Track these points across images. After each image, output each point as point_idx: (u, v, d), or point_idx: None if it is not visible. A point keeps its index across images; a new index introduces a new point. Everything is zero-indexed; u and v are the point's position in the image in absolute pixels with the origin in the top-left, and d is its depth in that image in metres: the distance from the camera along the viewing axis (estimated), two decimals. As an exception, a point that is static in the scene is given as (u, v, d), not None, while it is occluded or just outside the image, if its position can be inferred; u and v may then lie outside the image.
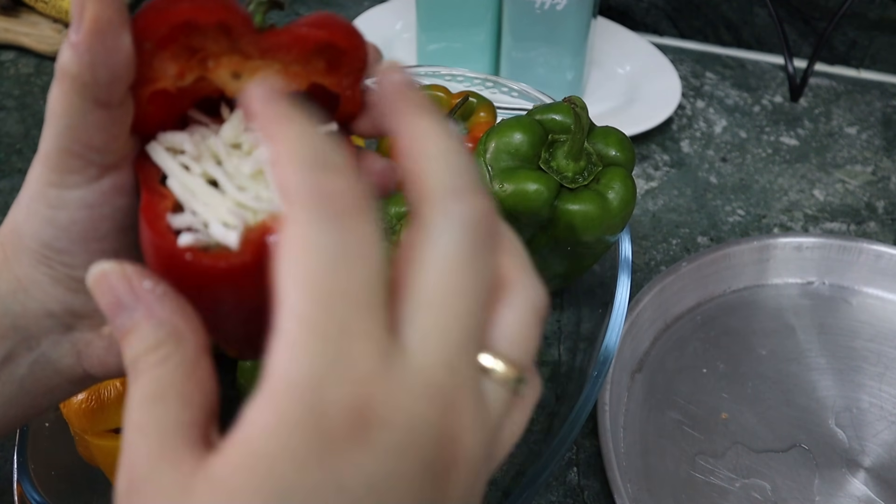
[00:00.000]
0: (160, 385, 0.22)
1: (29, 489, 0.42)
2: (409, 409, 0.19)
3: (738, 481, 0.50)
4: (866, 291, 0.61)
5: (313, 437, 0.19)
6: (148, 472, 0.21)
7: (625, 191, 0.46)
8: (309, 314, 0.19)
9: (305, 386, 0.19)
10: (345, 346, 0.19)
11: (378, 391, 0.19)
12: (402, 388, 0.20)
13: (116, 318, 0.24)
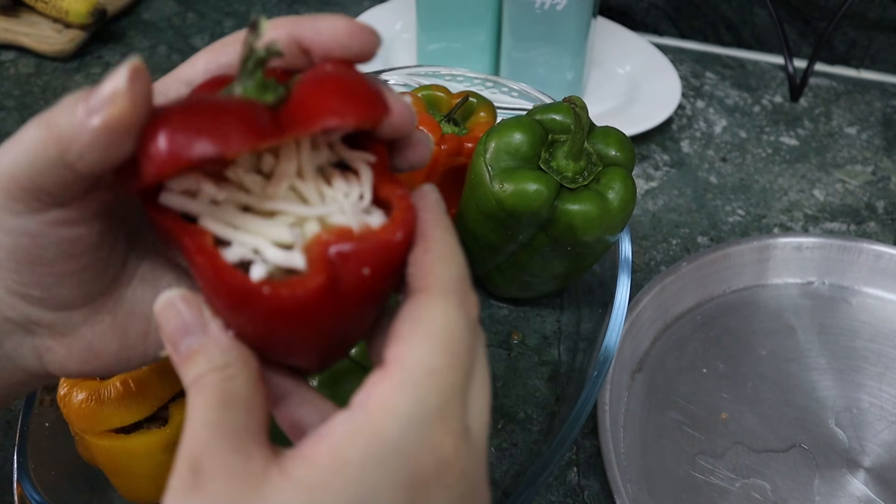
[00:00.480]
0: (228, 396, 0.24)
1: (29, 489, 0.42)
2: (472, 472, 0.25)
3: (738, 481, 0.50)
4: (866, 291, 0.61)
5: (405, 467, 0.23)
6: (218, 464, 0.23)
7: (625, 191, 0.46)
8: (436, 367, 0.24)
9: (413, 421, 0.23)
10: (451, 406, 0.24)
11: (460, 452, 0.24)
12: (469, 456, 0.24)
13: (181, 341, 0.25)
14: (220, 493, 0.22)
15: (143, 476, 0.44)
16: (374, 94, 0.27)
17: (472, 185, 0.49)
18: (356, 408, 0.23)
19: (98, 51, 0.84)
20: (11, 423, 0.52)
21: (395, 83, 0.61)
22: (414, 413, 0.23)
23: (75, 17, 0.82)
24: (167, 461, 0.44)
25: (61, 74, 0.81)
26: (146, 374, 0.43)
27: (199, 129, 0.23)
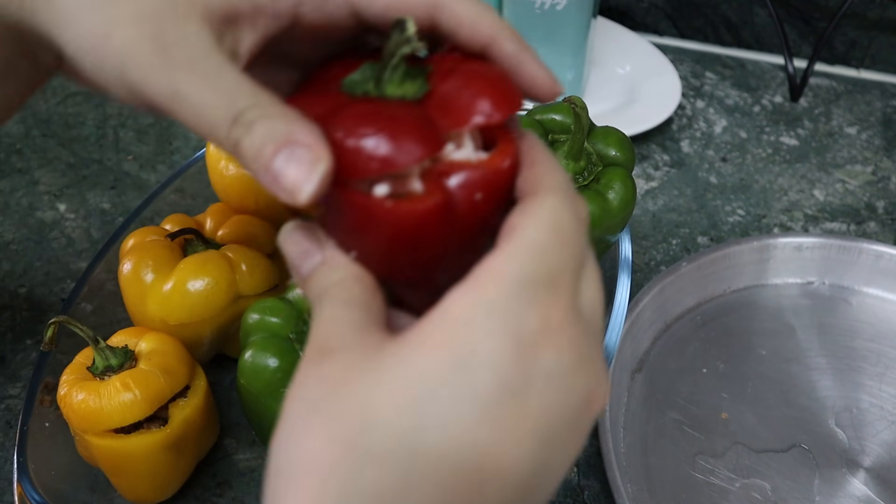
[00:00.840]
0: (348, 299, 0.26)
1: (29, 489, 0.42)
2: (585, 347, 0.25)
3: (738, 481, 0.50)
4: (866, 291, 0.61)
5: (511, 324, 0.24)
6: (341, 341, 0.25)
7: (625, 191, 0.46)
8: (545, 244, 0.25)
9: (520, 284, 0.24)
10: (560, 280, 0.25)
11: (569, 322, 0.25)
12: (582, 332, 0.25)
13: (302, 265, 0.28)
14: (344, 361, 0.24)
15: (143, 476, 0.44)
16: (511, 84, 0.29)
17: (472, 185, 0.49)
18: (466, 279, 0.25)
19: (98, 51, 0.84)
20: (11, 423, 0.52)
21: (395, 83, 0.61)
22: (520, 278, 0.24)
23: (75, 17, 0.82)
24: (167, 461, 0.44)
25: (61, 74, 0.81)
26: (146, 374, 0.43)
27: (390, 145, 0.25)
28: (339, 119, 0.26)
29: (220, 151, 0.52)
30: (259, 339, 0.44)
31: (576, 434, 0.26)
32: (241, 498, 0.48)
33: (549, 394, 0.24)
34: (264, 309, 0.45)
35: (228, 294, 0.48)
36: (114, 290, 0.52)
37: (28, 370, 0.55)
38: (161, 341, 0.46)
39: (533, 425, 0.24)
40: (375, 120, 0.26)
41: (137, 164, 0.72)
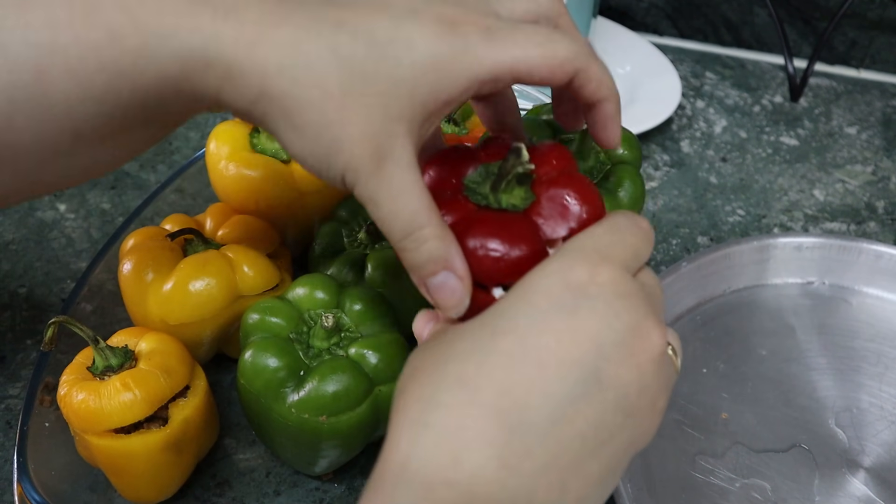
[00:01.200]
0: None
1: (29, 489, 0.42)
2: (627, 291, 0.32)
3: (738, 481, 0.50)
4: (866, 291, 0.61)
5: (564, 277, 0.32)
6: None
7: (635, 188, 0.46)
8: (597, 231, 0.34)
9: (575, 251, 0.33)
10: (608, 249, 0.33)
11: (615, 277, 0.32)
12: (627, 284, 0.32)
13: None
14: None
15: (143, 476, 0.44)
16: (597, 198, 0.36)
17: (472, 185, 0.49)
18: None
19: (98, 51, 0.84)
20: (11, 423, 0.52)
21: (395, 83, 0.61)
22: (573, 248, 0.33)
23: (75, 16, 0.82)
24: (167, 461, 0.44)
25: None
26: (146, 374, 0.43)
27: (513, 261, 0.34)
28: (473, 231, 0.35)
29: (220, 151, 0.52)
30: (259, 339, 0.44)
31: (632, 351, 0.31)
32: (241, 498, 0.48)
33: (595, 311, 0.31)
34: (264, 309, 0.45)
35: (228, 294, 0.48)
36: (114, 290, 0.52)
37: (28, 370, 0.55)
38: (161, 341, 0.46)
39: (583, 334, 0.30)
40: (500, 236, 0.34)
41: (137, 163, 0.72)
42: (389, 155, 0.33)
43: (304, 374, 0.43)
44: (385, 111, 0.32)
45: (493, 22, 0.34)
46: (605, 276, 0.31)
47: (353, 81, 0.32)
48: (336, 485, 0.49)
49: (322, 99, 0.31)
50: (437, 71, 0.33)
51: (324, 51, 0.31)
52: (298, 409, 0.42)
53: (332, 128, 0.32)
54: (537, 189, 0.36)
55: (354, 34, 0.32)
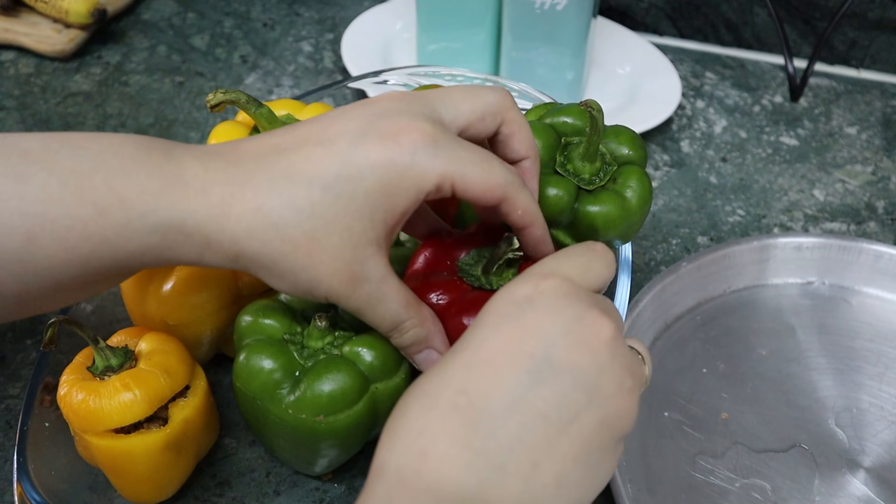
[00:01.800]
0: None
1: (29, 489, 0.42)
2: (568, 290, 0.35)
3: (738, 481, 0.50)
4: (866, 291, 0.61)
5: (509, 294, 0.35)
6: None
7: (642, 188, 0.46)
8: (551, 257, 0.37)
9: (524, 275, 0.36)
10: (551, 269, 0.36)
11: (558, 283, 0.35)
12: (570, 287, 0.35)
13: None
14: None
15: (143, 476, 0.44)
16: None
17: (472, 185, 0.49)
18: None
19: (98, 51, 0.84)
20: (11, 423, 0.52)
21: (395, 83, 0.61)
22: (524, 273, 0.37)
23: (75, 17, 0.82)
24: (167, 461, 0.44)
25: (61, 74, 0.81)
26: (146, 374, 0.43)
27: None
28: (468, 311, 0.41)
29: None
30: (253, 341, 0.44)
31: (581, 336, 0.33)
32: (241, 498, 0.48)
33: (538, 311, 0.33)
34: (257, 311, 0.45)
35: (228, 294, 0.48)
36: (114, 290, 0.52)
37: (28, 370, 0.55)
38: (161, 341, 0.46)
39: (529, 330, 0.33)
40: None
41: (137, 164, 0.72)
42: (363, 277, 0.37)
43: (299, 375, 0.43)
44: (350, 242, 0.36)
45: (436, 130, 0.37)
46: (547, 285, 0.34)
47: (315, 229, 0.35)
48: (336, 485, 0.49)
49: (291, 251, 0.36)
50: (388, 193, 0.36)
51: (285, 209, 0.35)
52: (295, 410, 0.42)
53: (307, 271, 0.36)
54: (523, 270, 0.41)
55: (308, 184, 0.35)
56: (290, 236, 0.35)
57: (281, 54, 0.85)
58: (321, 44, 0.86)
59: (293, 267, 0.36)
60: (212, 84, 0.81)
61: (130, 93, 0.79)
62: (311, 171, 0.36)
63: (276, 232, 0.35)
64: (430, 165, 0.36)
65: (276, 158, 0.36)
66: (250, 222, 0.35)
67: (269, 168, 0.36)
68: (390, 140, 0.36)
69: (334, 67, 0.84)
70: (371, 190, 0.36)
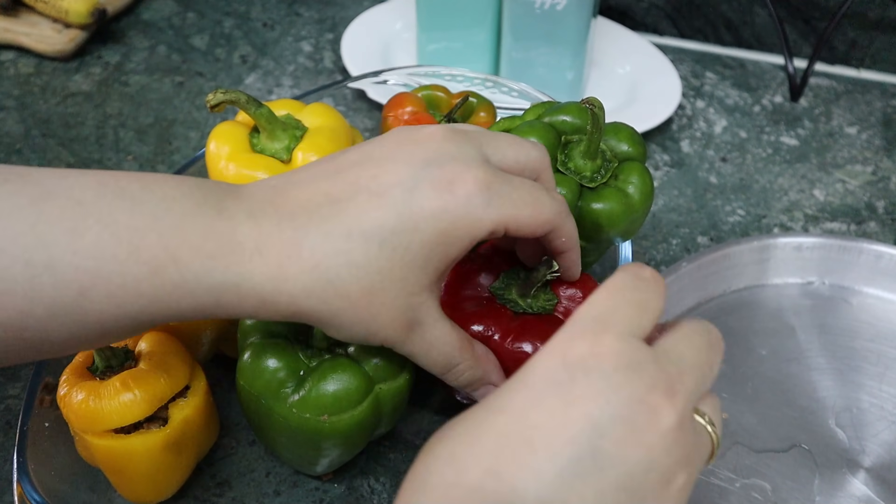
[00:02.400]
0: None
1: (29, 489, 0.42)
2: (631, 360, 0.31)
3: (738, 481, 0.50)
4: (866, 291, 0.61)
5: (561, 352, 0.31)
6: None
7: (643, 184, 0.47)
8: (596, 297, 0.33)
9: (573, 324, 0.32)
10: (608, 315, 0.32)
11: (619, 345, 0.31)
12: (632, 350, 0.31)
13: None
14: None
15: (143, 476, 0.44)
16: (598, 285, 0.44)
17: (472, 185, 0.49)
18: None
19: (98, 51, 0.84)
20: (11, 423, 0.52)
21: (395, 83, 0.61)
22: (572, 322, 0.32)
23: (75, 17, 0.82)
24: (167, 461, 0.44)
25: (61, 74, 0.81)
26: (146, 374, 0.43)
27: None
28: (521, 338, 0.43)
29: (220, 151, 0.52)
30: (258, 340, 0.44)
31: (634, 426, 0.29)
32: (241, 498, 0.48)
33: (591, 386, 0.29)
34: None
35: (228, 294, 0.48)
36: (114, 290, 0.52)
37: (28, 370, 0.55)
38: (161, 341, 0.46)
39: (577, 410, 0.29)
40: (541, 340, 0.42)
41: (137, 164, 0.72)
42: (417, 323, 0.38)
43: (304, 374, 0.43)
44: (405, 292, 0.37)
45: (489, 175, 0.37)
46: (605, 346, 0.30)
47: (372, 283, 0.36)
48: (336, 485, 0.49)
49: (349, 307, 0.36)
50: (443, 242, 0.36)
51: (342, 267, 0.35)
52: (299, 409, 0.42)
53: (364, 324, 0.37)
54: (557, 292, 0.45)
55: (365, 240, 0.35)
56: (347, 292, 0.35)
57: (281, 54, 0.85)
58: (321, 44, 0.86)
59: (351, 321, 0.36)
60: (212, 84, 0.81)
61: (130, 93, 0.79)
62: (366, 225, 0.35)
63: (334, 289, 0.35)
64: (485, 214, 0.36)
65: (330, 211, 0.36)
66: (307, 282, 0.35)
67: (323, 222, 0.36)
68: (445, 190, 0.36)
69: (334, 67, 0.84)
70: (426, 241, 0.36)
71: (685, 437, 0.30)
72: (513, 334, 0.43)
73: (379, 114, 0.76)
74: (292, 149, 0.51)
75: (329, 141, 0.52)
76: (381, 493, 0.48)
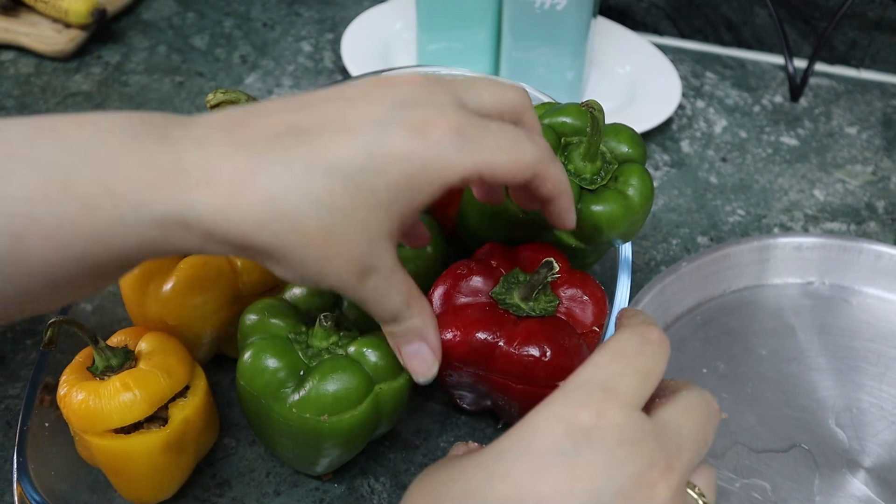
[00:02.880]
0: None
1: (29, 489, 0.42)
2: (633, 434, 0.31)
3: (738, 481, 0.50)
4: (866, 291, 0.61)
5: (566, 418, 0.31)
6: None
7: (643, 186, 0.46)
8: (602, 360, 0.33)
9: (578, 387, 0.32)
10: (613, 381, 0.32)
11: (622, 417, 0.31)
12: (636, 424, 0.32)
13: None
14: None
15: (143, 476, 0.44)
16: (604, 298, 0.46)
17: (472, 185, 0.49)
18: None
19: (98, 51, 0.84)
20: (11, 423, 0.52)
21: (395, 83, 0.61)
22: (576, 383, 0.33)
23: (75, 17, 0.82)
24: (167, 461, 0.44)
25: (61, 74, 0.81)
26: (146, 373, 0.43)
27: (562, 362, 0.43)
28: (528, 342, 0.42)
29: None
30: (258, 339, 0.44)
31: (637, 500, 0.30)
32: (241, 498, 0.48)
33: (597, 461, 0.30)
34: (262, 310, 0.45)
35: (228, 294, 0.48)
36: (114, 290, 0.52)
37: (28, 370, 0.55)
38: (161, 341, 0.46)
39: (581, 485, 0.29)
40: (550, 343, 0.42)
41: (137, 164, 0.72)
42: (374, 269, 0.36)
43: (304, 374, 0.43)
44: (367, 236, 0.35)
45: (462, 120, 0.35)
46: (609, 418, 0.31)
47: (332, 220, 0.34)
48: (336, 485, 0.49)
49: (304, 244, 0.34)
50: (410, 186, 0.34)
51: (302, 200, 0.33)
52: (299, 409, 0.42)
53: (318, 263, 0.34)
54: (558, 293, 0.45)
55: (329, 174, 0.33)
56: (304, 227, 0.33)
57: (281, 54, 0.85)
58: (321, 44, 0.86)
59: (303, 259, 0.34)
60: (212, 84, 0.81)
61: (130, 93, 0.79)
62: (332, 160, 0.33)
63: (290, 223, 0.33)
64: (457, 159, 0.35)
65: (293, 141, 0.33)
66: (260, 213, 0.32)
67: (284, 152, 0.33)
68: (417, 132, 0.34)
69: (334, 67, 0.84)
70: (393, 183, 0.34)
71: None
72: (518, 338, 0.43)
73: (379, 114, 0.76)
74: (292, 149, 0.51)
75: (329, 141, 0.52)
76: (381, 493, 0.48)
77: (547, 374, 0.42)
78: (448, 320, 0.43)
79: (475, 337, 0.43)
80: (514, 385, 0.43)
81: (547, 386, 0.42)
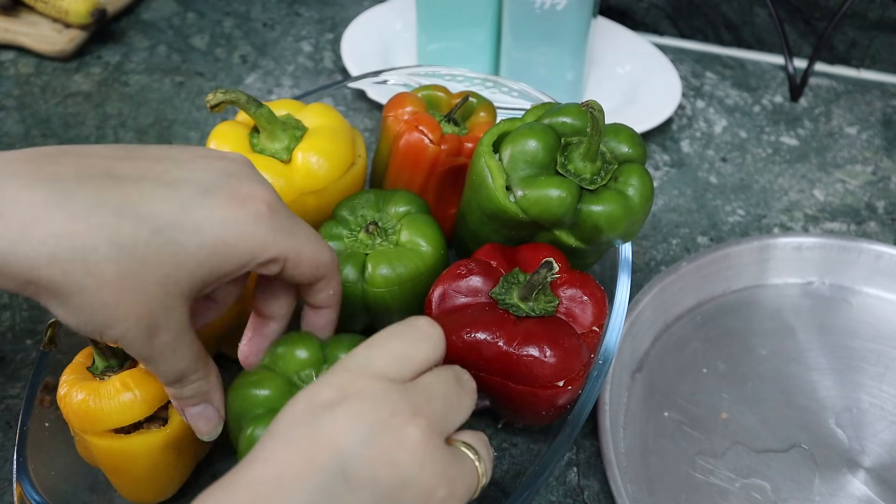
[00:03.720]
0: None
1: (29, 489, 0.42)
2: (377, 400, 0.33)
3: (738, 481, 0.50)
4: (866, 291, 0.61)
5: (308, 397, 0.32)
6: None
7: (643, 186, 0.46)
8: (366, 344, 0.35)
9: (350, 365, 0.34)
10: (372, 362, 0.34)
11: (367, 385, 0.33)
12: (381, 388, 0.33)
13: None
14: None
15: (143, 476, 0.44)
16: (604, 298, 0.46)
17: (473, 185, 0.49)
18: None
19: (98, 51, 0.84)
20: (11, 424, 0.52)
21: (395, 83, 0.61)
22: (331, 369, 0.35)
23: (75, 17, 0.82)
24: (167, 461, 0.44)
25: (61, 74, 0.81)
26: (146, 374, 0.43)
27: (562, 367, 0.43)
28: (528, 343, 0.42)
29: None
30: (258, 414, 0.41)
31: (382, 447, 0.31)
32: (241, 498, 0.48)
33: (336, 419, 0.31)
34: (249, 384, 0.42)
35: (228, 294, 0.48)
36: (114, 290, 0.52)
37: (28, 370, 0.55)
38: (161, 341, 0.46)
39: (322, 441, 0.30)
40: (551, 344, 0.42)
41: (137, 164, 0.72)
42: (163, 326, 0.35)
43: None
44: (163, 290, 0.34)
45: (280, 206, 0.37)
46: (354, 387, 0.32)
47: (131, 268, 0.33)
48: (336, 485, 0.49)
49: (96, 286, 0.32)
50: (220, 254, 0.35)
51: (101, 241, 0.32)
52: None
53: (106, 309, 0.33)
54: (557, 293, 0.45)
55: (138, 220, 0.33)
56: (100, 271, 0.32)
57: (281, 54, 0.85)
58: (321, 44, 0.86)
59: (91, 303, 0.33)
60: (212, 84, 0.81)
61: (130, 93, 0.79)
62: (145, 209, 0.33)
63: (84, 264, 0.32)
64: (271, 239, 0.36)
65: (106, 185, 0.33)
66: (55, 248, 0.31)
67: (94, 192, 0.32)
68: (237, 202, 0.35)
69: (334, 67, 0.84)
70: (203, 245, 0.34)
71: (438, 454, 0.32)
72: (518, 339, 0.43)
73: (379, 114, 0.76)
74: (292, 149, 0.51)
75: (329, 141, 0.52)
76: (381, 493, 0.48)
77: (546, 375, 0.42)
78: (448, 320, 0.43)
79: (475, 337, 0.43)
80: (514, 385, 0.43)
81: (546, 386, 0.42)
